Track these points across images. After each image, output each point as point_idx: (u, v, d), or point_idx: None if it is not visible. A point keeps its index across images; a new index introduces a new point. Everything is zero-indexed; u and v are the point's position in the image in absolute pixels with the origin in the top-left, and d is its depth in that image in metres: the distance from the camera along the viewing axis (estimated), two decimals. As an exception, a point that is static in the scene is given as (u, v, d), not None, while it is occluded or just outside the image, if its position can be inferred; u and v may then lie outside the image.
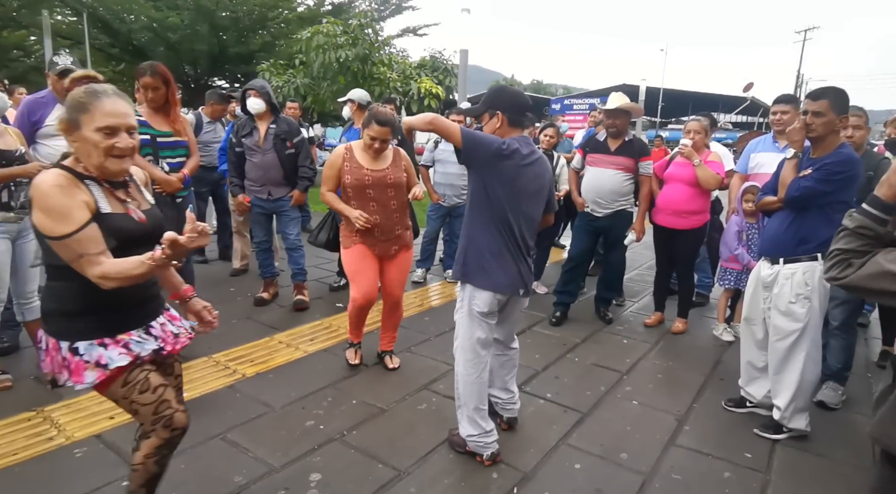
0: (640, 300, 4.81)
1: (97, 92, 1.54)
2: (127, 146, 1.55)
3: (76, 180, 1.51)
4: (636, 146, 3.94)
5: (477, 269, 2.26)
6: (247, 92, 3.89)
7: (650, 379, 3.28)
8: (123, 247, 1.53)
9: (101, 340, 1.56)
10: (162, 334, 1.69)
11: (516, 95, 2.34)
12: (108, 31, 18.14)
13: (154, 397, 1.60)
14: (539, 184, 2.29)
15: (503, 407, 2.60)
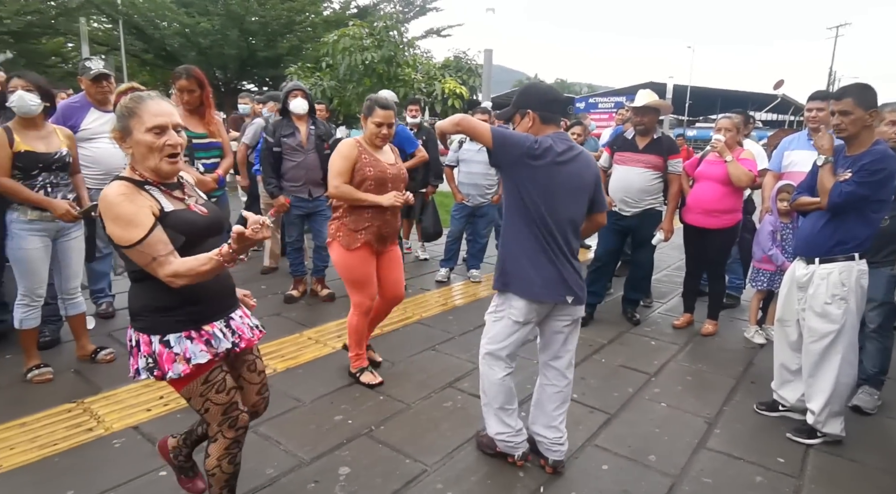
0: (668, 302, 4.74)
1: (142, 97, 1.62)
2: (177, 142, 1.62)
3: (137, 188, 1.58)
4: (665, 144, 3.89)
5: (514, 277, 2.14)
6: (291, 93, 3.95)
7: (679, 381, 3.24)
8: (192, 241, 1.61)
9: (189, 332, 1.62)
10: (241, 326, 1.75)
11: (546, 90, 2.25)
12: (143, 38, 18.68)
13: (227, 398, 1.68)
14: (579, 182, 2.15)
15: (548, 448, 2.31)
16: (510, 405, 2.30)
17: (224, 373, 1.69)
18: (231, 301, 1.77)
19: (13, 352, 3.12)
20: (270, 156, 4.01)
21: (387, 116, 2.84)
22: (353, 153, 2.84)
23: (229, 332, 1.71)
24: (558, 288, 2.12)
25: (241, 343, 1.73)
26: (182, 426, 2.51)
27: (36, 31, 17.47)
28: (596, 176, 2.24)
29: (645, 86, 4.17)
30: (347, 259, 2.88)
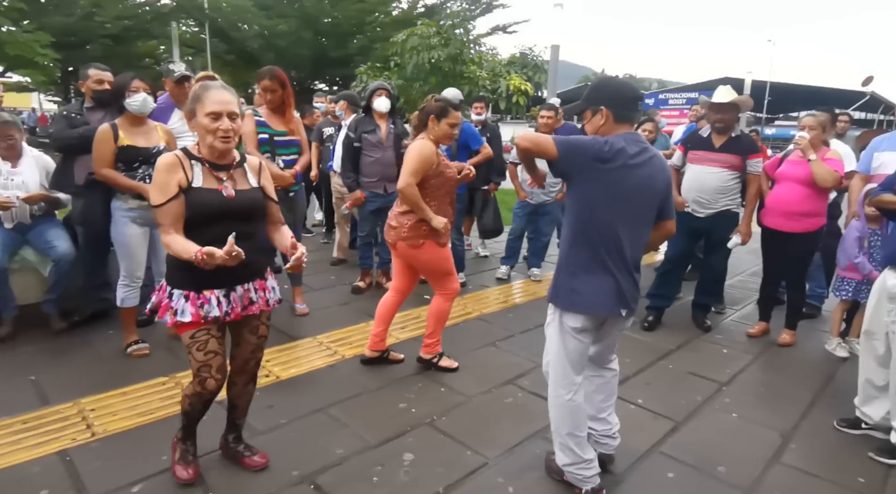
0: (742, 309, 4.53)
1: (208, 85, 1.89)
2: (227, 128, 1.85)
3: (185, 159, 1.88)
4: (744, 143, 3.72)
5: (568, 290, 2.02)
6: (375, 91, 4.11)
7: (752, 392, 3.10)
8: (209, 218, 1.87)
9: (188, 292, 1.89)
10: (239, 298, 1.96)
11: (622, 87, 2.09)
12: (226, 40, 19.83)
13: (204, 358, 1.91)
14: (651, 187, 1.99)
15: (597, 440, 2.24)
16: (579, 431, 2.10)
17: (209, 336, 1.91)
18: (240, 274, 1.94)
19: (115, 328, 3.44)
20: (351, 151, 4.18)
21: (459, 118, 2.95)
22: (431, 157, 2.88)
23: (225, 301, 1.93)
24: (614, 301, 1.99)
25: (230, 315, 1.94)
26: (262, 401, 2.70)
27: (133, 34, 18.95)
28: (667, 182, 2.08)
29: (721, 81, 3.99)
30: (442, 254, 3.03)
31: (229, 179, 1.93)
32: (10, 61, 15.30)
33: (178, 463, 2.08)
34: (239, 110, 1.90)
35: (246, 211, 1.95)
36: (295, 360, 3.21)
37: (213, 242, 1.77)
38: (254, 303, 2.01)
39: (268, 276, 2.10)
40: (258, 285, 2.03)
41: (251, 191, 1.98)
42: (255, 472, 2.16)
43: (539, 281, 5.04)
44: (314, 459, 2.27)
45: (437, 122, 2.91)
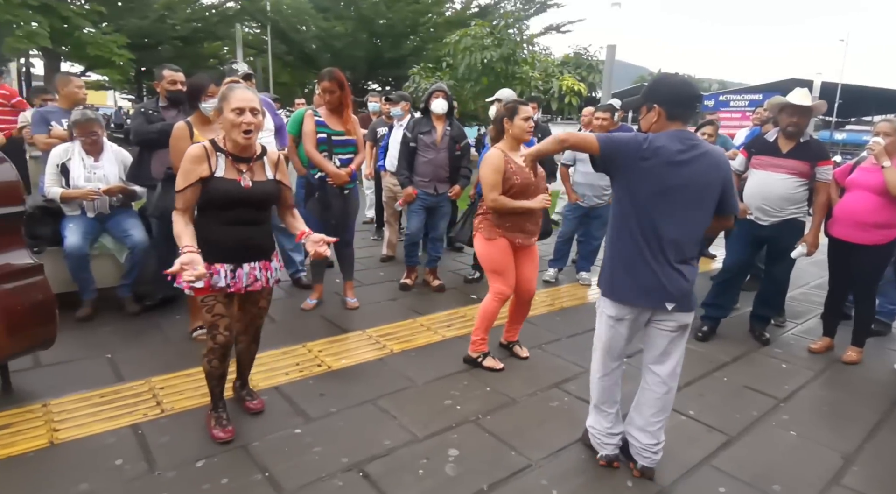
0: (804, 322, 4.33)
1: (233, 87, 2.18)
2: (250, 121, 2.11)
3: (212, 150, 2.16)
4: (813, 149, 3.54)
5: (608, 278, 2.17)
6: (434, 93, 4.21)
7: (812, 410, 2.97)
8: (227, 204, 2.17)
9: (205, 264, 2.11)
10: (245, 275, 2.25)
11: (678, 85, 2.10)
12: (286, 41, 20.51)
13: (211, 319, 2.22)
14: (700, 183, 2.02)
15: (639, 452, 2.27)
16: (605, 406, 2.32)
17: (215, 301, 2.21)
18: (248, 254, 2.26)
19: (182, 313, 3.66)
20: (406, 150, 4.30)
21: (530, 111, 3.09)
22: (501, 165, 3.02)
23: (231, 275, 2.22)
24: (655, 294, 2.06)
25: (232, 288, 2.23)
26: (315, 389, 2.82)
27: (200, 36, 19.93)
28: (724, 177, 2.08)
29: (787, 83, 3.81)
30: (487, 248, 3.12)
31: (248, 171, 2.21)
32: (90, 61, 16.37)
33: (215, 428, 2.34)
34: (260, 107, 2.17)
35: (260, 200, 2.25)
36: (346, 352, 3.31)
37: (230, 223, 2.19)
38: (258, 281, 2.29)
39: (273, 258, 2.38)
40: (263, 265, 2.32)
41: (266, 182, 2.27)
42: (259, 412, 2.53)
43: (588, 285, 4.98)
44: (363, 448, 2.35)
45: (511, 122, 3.06)
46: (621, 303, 2.13)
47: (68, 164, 3.51)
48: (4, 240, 2.54)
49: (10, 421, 2.39)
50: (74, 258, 3.42)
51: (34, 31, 12.57)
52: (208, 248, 2.14)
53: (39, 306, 2.56)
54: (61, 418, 2.44)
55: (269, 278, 2.36)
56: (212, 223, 2.20)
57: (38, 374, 2.83)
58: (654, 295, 2.06)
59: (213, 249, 2.16)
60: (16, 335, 2.46)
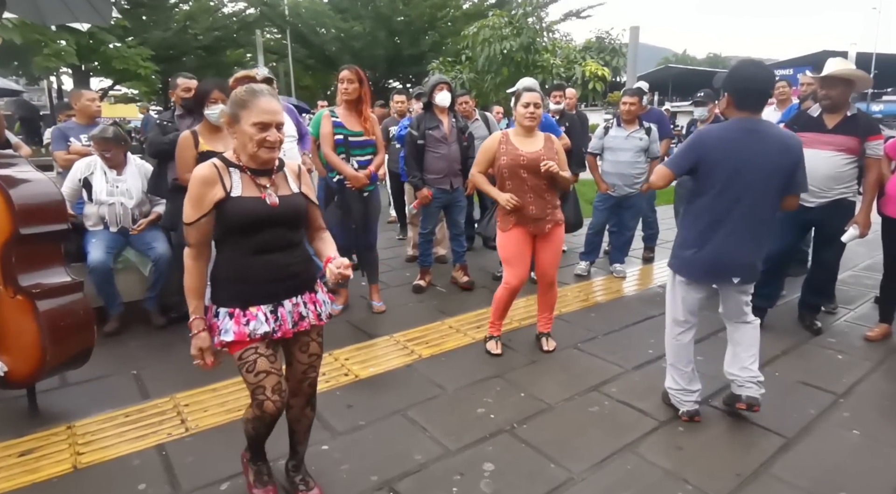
0: (856, 308, 4.04)
1: (255, 91, 1.73)
2: (276, 140, 1.74)
3: (224, 167, 1.76)
4: (861, 123, 3.26)
5: (679, 257, 2.47)
6: (437, 86, 4.04)
7: (875, 406, 2.74)
8: (253, 226, 1.75)
9: (233, 309, 1.77)
10: (288, 314, 1.82)
11: (751, 78, 2.30)
12: (305, 44, 20.66)
13: (255, 380, 1.76)
14: (764, 166, 2.27)
15: (741, 385, 2.50)
16: (681, 365, 2.54)
17: (257, 356, 1.76)
18: (287, 286, 1.83)
19: (206, 326, 3.63)
20: (414, 149, 4.10)
21: (533, 97, 3.05)
22: (492, 146, 3.15)
23: (273, 318, 1.79)
24: (725, 271, 2.38)
25: (278, 332, 1.80)
26: (342, 400, 2.72)
27: (223, 44, 20.24)
28: (794, 159, 2.32)
29: (820, 55, 3.53)
30: (500, 239, 3.20)
31: (272, 186, 1.81)
32: (117, 75, 16.78)
33: (255, 487, 2.01)
34: (283, 119, 1.81)
35: (290, 218, 1.83)
36: (373, 359, 3.22)
37: (260, 251, 1.77)
38: (304, 318, 1.87)
39: (318, 288, 1.96)
40: (308, 298, 1.90)
41: (293, 196, 1.85)
42: (337, 473, 2.17)
43: (623, 278, 4.77)
44: (393, 464, 2.24)
45: (515, 107, 3.15)
46: (691, 281, 2.47)
47: (90, 178, 3.51)
48: (49, 257, 2.56)
49: (36, 445, 2.36)
50: (99, 273, 3.41)
51: (62, 48, 12.90)
52: (237, 288, 1.77)
53: (81, 323, 2.57)
54: (85, 440, 2.40)
55: (321, 312, 1.92)
56: (237, 256, 1.78)
57: (64, 393, 2.82)
58: (724, 272, 2.40)
59: (243, 288, 1.77)
60: (59, 351, 2.45)
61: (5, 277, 2.39)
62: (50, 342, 2.39)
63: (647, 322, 3.81)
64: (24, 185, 2.47)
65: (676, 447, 2.38)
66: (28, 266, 2.44)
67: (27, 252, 2.44)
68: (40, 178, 2.57)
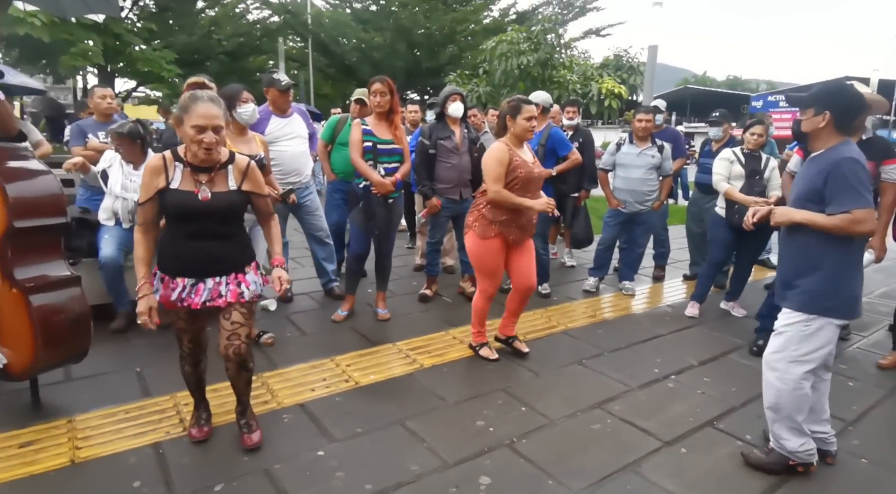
0: (870, 335, 3.95)
1: (196, 97, 1.98)
2: (210, 141, 1.99)
3: (171, 160, 2.07)
4: (877, 147, 3.23)
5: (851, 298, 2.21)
6: (450, 97, 4.05)
7: (886, 434, 2.67)
8: (184, 217, 2.07)
9: (164, 276, 2.14)
10: (207, 290, 2.14)
11: (856, 99, 2.15)
12: (326, 54, 20.93)
13: (177, 333, 2.27)
14: None
15: (827, 441, 2.39)
16: (818, 414, 2.37)
17: (177, 318, 2.21)
18: (212, 269, 2.14)
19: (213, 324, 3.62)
20: (425, 158, 4.12)
21: (533, 111, 3.09)
22: (506, 157, 3.05)
23: (190, 290, 2.13)
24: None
25: (185, 302, 2.13)
26: (341, 406, 2.71)
27: (246, 51, 20.56)
28: None
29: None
30: (479, 248, 3.17)
31: (208, 182, 2.08)
32: (141, 77, 17.10)
33: (192, 427, 2.38)
34: (224, 123, 2.03)
35: (221, 212, 2.11)
36: (374, 366, 3.20)
37: (191, 237, 2.09)
38: (222, 296, 2.15)
39: (249, 270, 2.23)
40: (232, 278, 2.18)
41: (229, 194, 2.12)
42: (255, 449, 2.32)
43: (632, 295, 4.72)
44: (389, 474, 2.21)
45: (514, 120, 3.08)
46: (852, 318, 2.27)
47: (108, 170, 3.57)
48: (46, 251, 2.55)
49: (36, 438, 2.37)
50: (110, 270, 3.45)
51: (89, 48, 13.20)
52: (170, 261, 2.13)
53: (76, 318, 2.55)
54: (85, 435, 2.41)
55: (244, 292, 2.18)
56: (174, 237, 2.12)
57: (67, 388, 2.83)
58: None
59: (174, 262, 2.13)
60: (53, 346, 2.45)
61: (3, 270, 2.40)
62: (42, 336, 2.38)
63: (654, 341, 3.75)
64: (23, 178, 2.48)
65: (680, 468, 2.33)
66: (24, 260, 2.44)
67: (23, 246, 2.43)
68: (41, 171, 2.57)
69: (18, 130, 2.70)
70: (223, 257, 2.17)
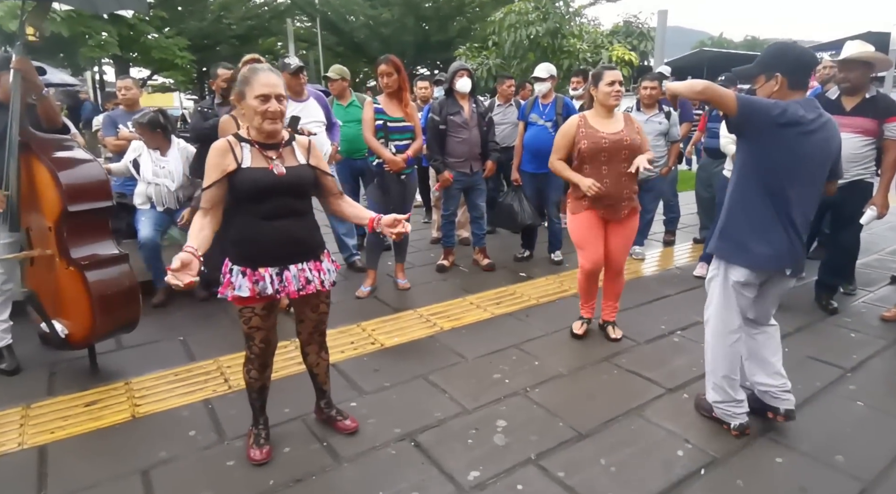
0: (876, 290, 4.06)
1: (256, 69, 1.96)
2: (275, 110, 1.93)
3: (236, 142, 1.98)
4: (880, 104, 3.30)
5: (735, 245, 2.18)
6: (457, 73, 4.16)
7: (884, 381, 2.82)
8: (261, 194, 1.96)
9: (244, 268, 2.00)
10: (294, 278, 2.04)
11: (803, 54, 2.11)
12: (335, 32, 20.91)
13: (248, 330, 2.10)
14: (825, 153, 2.09)
15: (775, 396, 2.33)
16: (734, 374, 2.31)
17: (252, 314, 2.06)
18: (294, 252, 2.05)
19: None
20: (436, 133, 4.25)
21: (615, 75, 2.99)
22: (570, 131, 3.06)
23: (278, 280, 2.02)
24: (781, 258, 2.13)
25: (282, 293, 2.03)
26: (369, 365, 2.95)
27: (255, 33, 20.65)
28: (839, 145, 2.18)
29: (863, 37, 3.52)
30: (572, 222, 3.18)
31: (279, 158, 2.01)
32: (156, 65, 17.38)
33: (252, 447, 2.21)
34: (285, 93, 2.00)
35: (296, 187, 2.04)
36: (398, 330, 3.43)
37: (269, 216, 1.98)
38: (310, 283, 2.08)
39: (324, 258, 2.15)
40: (313, 266, 2.10)
41: (300, 167, 2.06)
42: (353, 432, 2.35)
43: (641, 260, 4.87)
44: (415, 420, 2.45)
45: (597, 88, 3.03)
46: (751, 268, 2.16)
47: (139, 159, 3.80)
48: (96, 232, 2.81)
49: (98, 398, 2.66)
50: (148, 249, 3.71)
51: (105, 40, 13.45)
52: (250, 249, 1.99)
53: (126, 291, 2.82)
54: (141, 394, 2.69)
55: (325, 280, 2.13)
56: (248, 220, 1.99)
57: (120, 355, 3.12)
58: (779, 261, 2.15)
59: (255, 250, 1.99)
60: (107, 317, 2.73)
61: (60, 250, 2.67)
62: (99, 307, 2.65)
63: (662, 301, 3.93)
64: (72, 166, 2.73)
65: (681, 412, 2.53)
66: (78, 240, 2.70)
67: (76, 227, 2.69)
68: (87, 159, 2.82)
69: (63, 122, 2.94)
70: (303, 239, 2.08)
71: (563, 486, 2.05)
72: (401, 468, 2.15)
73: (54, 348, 2.84)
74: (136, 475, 2.12)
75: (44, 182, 2.66)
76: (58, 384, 2.80)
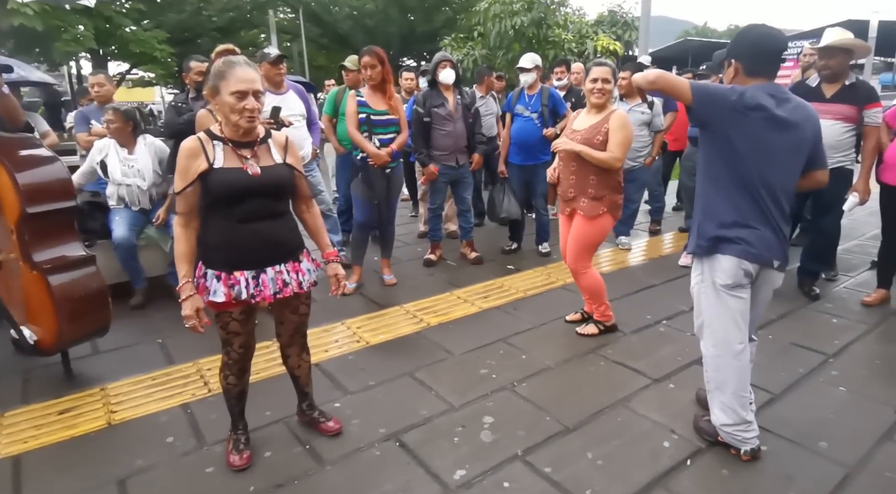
0: (857, 275, 4.09)
1: (233, 62, 1.81)
2: (252, 107, 1.82)
3: (208, 141, 1.87)
4: (860, 91, 3.30)
5: (713, 242, 2.01)
6: (440, 64, 4.07)
7: (865, 365, 2.84)
8: (236, 196, 1.86)
9: (220, 273, 1.91)
10: (270, 281, 1.96)
11: (760, 38, 1.96)
12: (319, 23, 20.66)
13: (226, 336, 2.03)
14: (797, 139, 1.94)
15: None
16: (744, 391, 2.07)
17: (230, 319, 1.99)
18: (271, 255, 1.97)
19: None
20: (421, 126, 4.17)
21: (601, 72, 2.93)
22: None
23: (254, 283, 1.94)
24: (765, 250, 1.96)
25: (258, 297, 1.95)
26: (354, 364, 2.91)
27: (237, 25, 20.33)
28: (815, 131, 2.00)
29: (843, 25, 3.52)
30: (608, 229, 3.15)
31: (253, 157, 1.90)
32: (134, 58, 17.04)
33: (231, 453, 2.15)
34: (263, 88, 1.87)
35: (273, 188, 1.93)
36: (384, 327, 3.39)
37: (245, 219, 1.89)
38: (287, 285, 2.00)
39: (303, 257, 2.08)
40: (291, 267, 2.02)
41: (276, 167, 1.94)
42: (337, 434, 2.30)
43: (627, 249, 4.87)
44: (400, 418, 2.42)
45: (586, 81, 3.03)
46: (739, 257, 1.96)
47: (106, 160, 3.64)
48: (60, 233, 2.72)
49: (73, 405, 2.59)
50: (123, 249, 3.62)
51: (80, 33, 13.15)
52: (225, 254, 1.90)
53: (94, 294, 2.74)
54: (118, 400, 2.62)
55: (303, 281, 2.05)
56: (224, 224, 1.89)
57: (96, 360, 3.04)
58: (764, 253, 1.97)
59: (229, 254, 1.91)
60: (74, 322, 2.65)
61: (23, 253, 2.58)
62: (64, 312, 2.56)
63: (648, 290, 3.92)
64: (31, 166, 2.63)
65: (667, 402, 2.53)
66: (41, 243, 2.61)
67: (38, 229, 2.60)
68: (48, 158, 2.71)
69: (25, 121, 2.83)
70: (281, 241, 1.99)
71: (549, 481, 2.04)
72: (386, 469, 2.12)
73: (27, 354, 2.76)
74: (113, 484, 2.06)
75: (2, 184, 2.56)
76: (32, 391, 2.73)
